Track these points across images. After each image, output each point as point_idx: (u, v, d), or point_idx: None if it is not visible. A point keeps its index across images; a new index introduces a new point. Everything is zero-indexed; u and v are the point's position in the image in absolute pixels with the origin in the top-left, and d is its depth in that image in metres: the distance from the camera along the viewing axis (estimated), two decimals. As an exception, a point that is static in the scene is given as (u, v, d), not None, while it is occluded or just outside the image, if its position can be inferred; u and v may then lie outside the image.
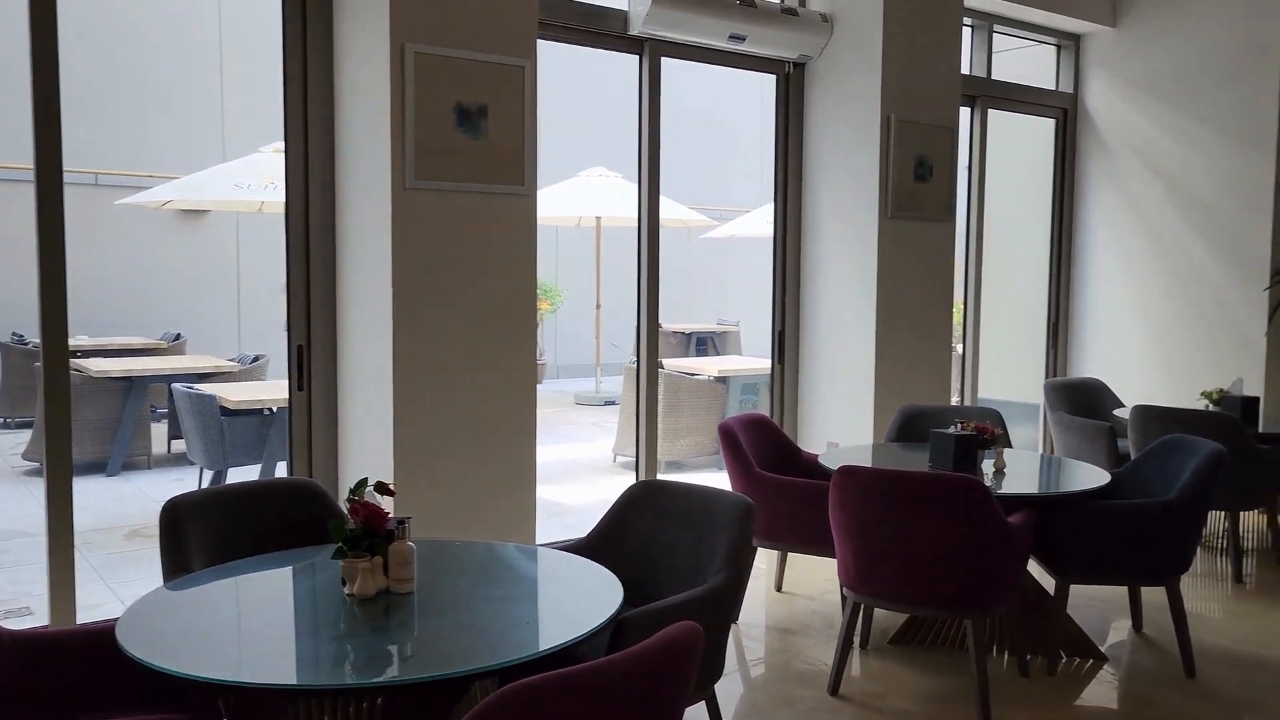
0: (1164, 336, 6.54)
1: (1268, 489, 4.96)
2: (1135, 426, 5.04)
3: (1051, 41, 6.87)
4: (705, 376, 7.94)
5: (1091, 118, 6.86)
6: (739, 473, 4.17)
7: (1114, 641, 4.07)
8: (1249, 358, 6.13)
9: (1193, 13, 6.35)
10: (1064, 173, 6.96)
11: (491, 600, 2.38)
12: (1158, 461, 3.96)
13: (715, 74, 5.98)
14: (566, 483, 7.42)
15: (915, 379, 5.45)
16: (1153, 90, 6.56)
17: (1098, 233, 6.86)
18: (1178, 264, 6.47)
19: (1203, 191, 6.34)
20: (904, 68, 5.26)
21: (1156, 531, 3.60)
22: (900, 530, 3.27)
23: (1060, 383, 6.03)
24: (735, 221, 12.51)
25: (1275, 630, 4.20)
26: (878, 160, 5.22)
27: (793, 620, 4.28)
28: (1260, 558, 5.23)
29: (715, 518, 2.80)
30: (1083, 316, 6.95)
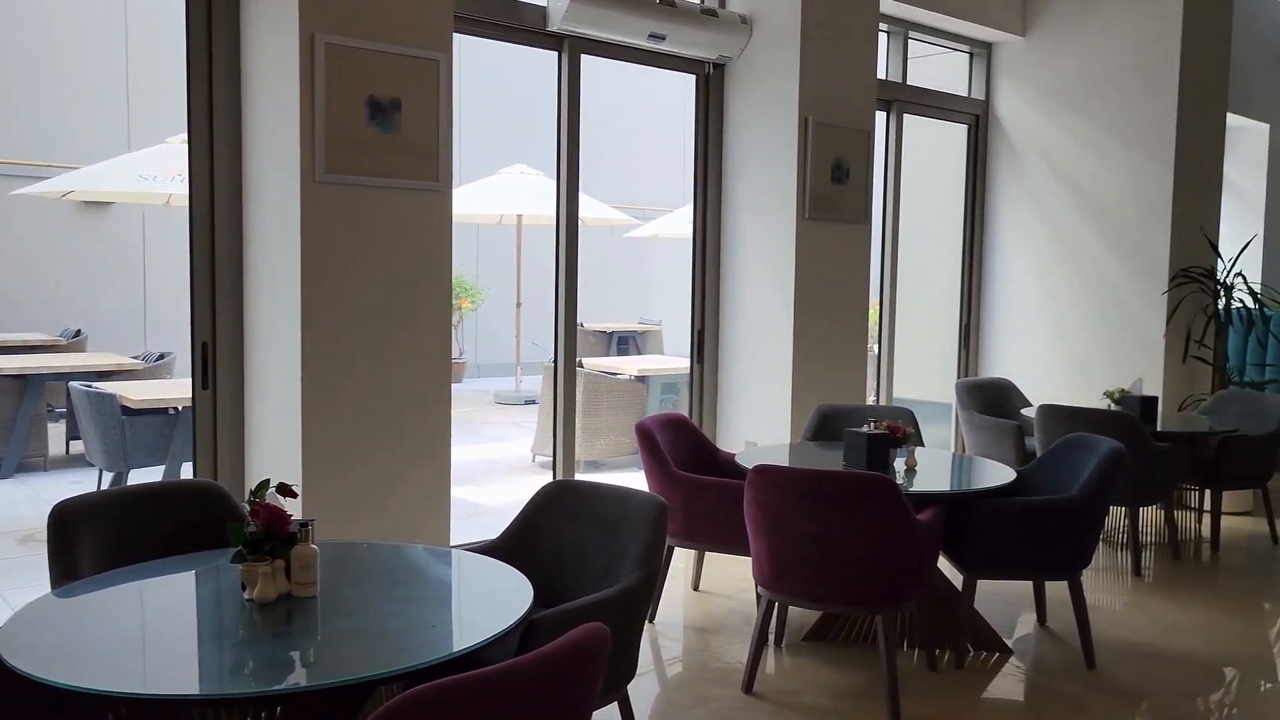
0: (1069, 337, 6.72)
1: (1165, 486, 5.13)
2: (1041, 425, 5.17)
3: (964, 49, 7.02)
4: (625, 376, 7.93)
5: (1002, 124, 7.03)
6: (656, 472, 4.16)
7: (1019, 635, 4.17)
8: (1149, 358, 6.34)
9: (1097, 25, 6.55)
10: (975, 178, 7.12)
11: (397, 603, 2.33)
12: (1061, 459, 4.07)
13: (638, 73, 5.98)
14: (485, 483, 7.34)
15: (832, 379, 5.51)
16: (1060, 99, 6.74)
17: (1007, 236, 7.03)
18: (1083, 267, 6.66)
19: (1107, 198, 6.54)
20: (821, 71, 5.32)
21: (1060, 527, 3.70)
22: (814, 528, 3.29)
23: (970, 382, 6.17)
24: (657, 221, 12.53)
25: (1172, 622, 4.34)
26: (796, 162, 5.26)
27: (709, 619, 4.29)
28: (1157, 552, 5.41)
29: (628, 518, 2.78)
30: (993, 318, 7.12)
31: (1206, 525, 5.74)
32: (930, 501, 3.60)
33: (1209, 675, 3.81)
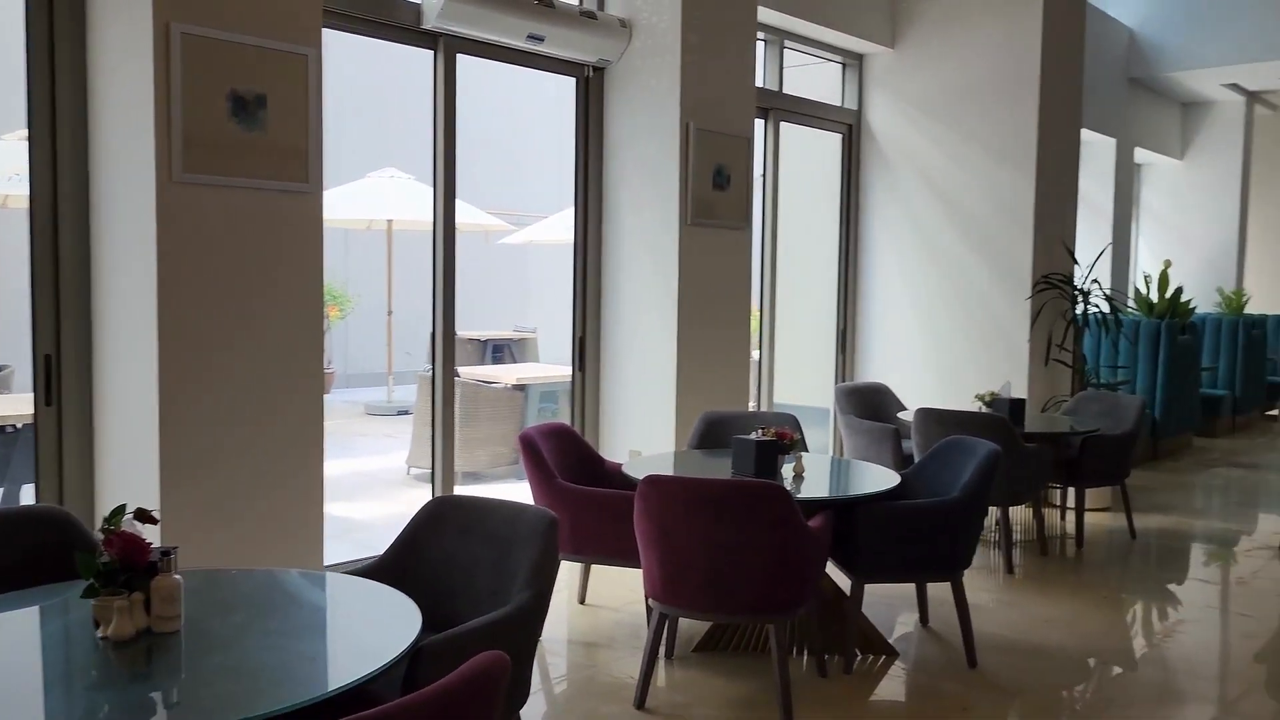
0: (941, 342, 6.90)
1: (1034, 485, 5.29)
2: (918, 429, 5.26)
3: (837, 60, 7.14)
4: (503, 385, 7.77)
5: (874, 133, 7.18)
6: (541, 484, 4.04)
7: (903, 636, 4.21)
8: (1014, 361, 6.56)
9: (962, 39, 6.75)
10: (850, 186, 7.25)
11: (271, 635, 2.16)
12: (940, 462, 4.13)
13: (513, 75, 5.85)
14: (358, 498, 7.07)
15: (716, 385, 5.49)
16: (928, 110, 6.92)
17: (881, 244, 7.17)
18: (952, 274, 6.85)
19: (974, 206, 6.74)
20: (702, 77, 5.31)
21: (944, 529, 3.74)
22: (705, 538, 3.24)
23: (849, 387, 6.25)
24: (534, 227, 12.38)
25: (1044, 617, 4.47)
26: (678, 167, 5.23)
27: (597, 633, 4.20)
28: (1026, 549, 5.58)
29: (517, 534, 2.67)
30: (868, 323, 7.25)
31: (1071, 522, 5.96)
32: (820, 507, 3.59)
33: (1079, 667, 3.93)
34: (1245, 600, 4.79)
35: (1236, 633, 4.35)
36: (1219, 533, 6.20)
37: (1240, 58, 10.12)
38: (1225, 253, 11.63)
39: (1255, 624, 4.46)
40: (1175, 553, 5.70)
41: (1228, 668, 3.97)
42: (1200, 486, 7.54)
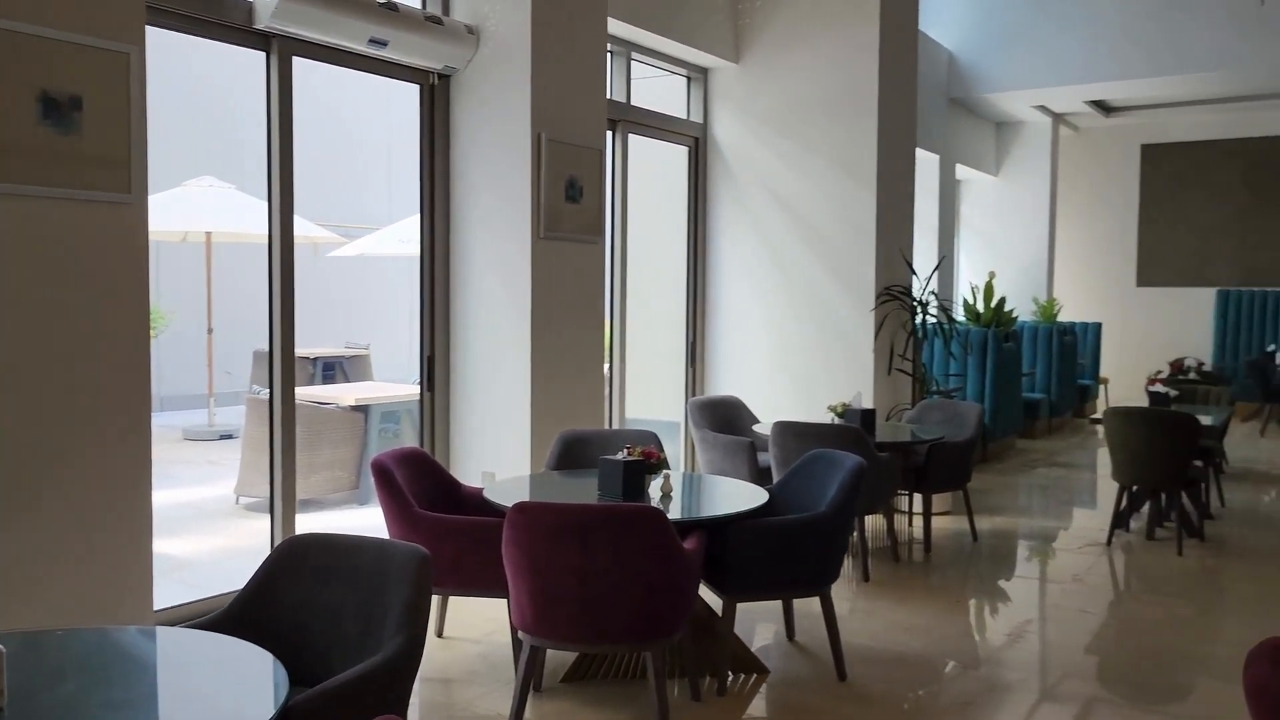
0: (791, 354, 6.99)
1: (887, 493, 5.40)
2: (775, 442, 5.28)
3: (683, 73, 7.15)
4: (340, 405, 7.39)
5: (720, 147, 7.22)
6: (397, 513, 3.81)
7: (771, 653, 4.18)
8: (860, 372, 6.71)
9: (803, 57, 6.88)
10: (697, 199, 7.27)
11: (111, 708, 1.89)
12: (805, 476, 4.13)
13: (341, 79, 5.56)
14: (182, 533, 6.56)
15: (571, 403, 5.36)
16: (772, 124, 7.02)
17: (729, 257, 7.22)
18: (799, 286, 6.95)
19: (818, 219, 6.87)
20: (552, 87, 5.18)
21: (813, 543, 3.73)
22: (579, 566, 3.10)
23: (702, 401, 6.24)
24: (366, 239, 11.93)
25: (903, 624, 4.54)
26: (529, 179, 5.08)
27: (459, 668, 3.99)
28: (879, 557, 5.69)
29: (386, 573, 2.46)
30: (718, 336, 7.28)
31: (919, 527, 6.13)
32: (693, 528, 3.52)
33: (941, 672, 3.99)
34: (1084, 597, 5.02)
35: (1082, 629, 4.54)
36: (1051, 531, 6.51)
37: (1046, 82, 10.78)
38: (1038, 264, 12.35)
39: (1095, 619, 4.67)
40: (1016, 553, 5.94)
41: (1077, 663, 4.13)
42: (1027, 487, 7.93)
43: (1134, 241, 13.41)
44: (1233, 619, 4.73)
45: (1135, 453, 5.79)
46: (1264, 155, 12.59)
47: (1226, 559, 5.71)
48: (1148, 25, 10.08)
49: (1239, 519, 6.76)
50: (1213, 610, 4.85)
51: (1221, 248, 12.87)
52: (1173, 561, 5.63)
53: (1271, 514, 7.04)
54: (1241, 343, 12.38)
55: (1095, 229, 13.65)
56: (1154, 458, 5.73)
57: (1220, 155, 12.84)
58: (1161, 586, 5.21)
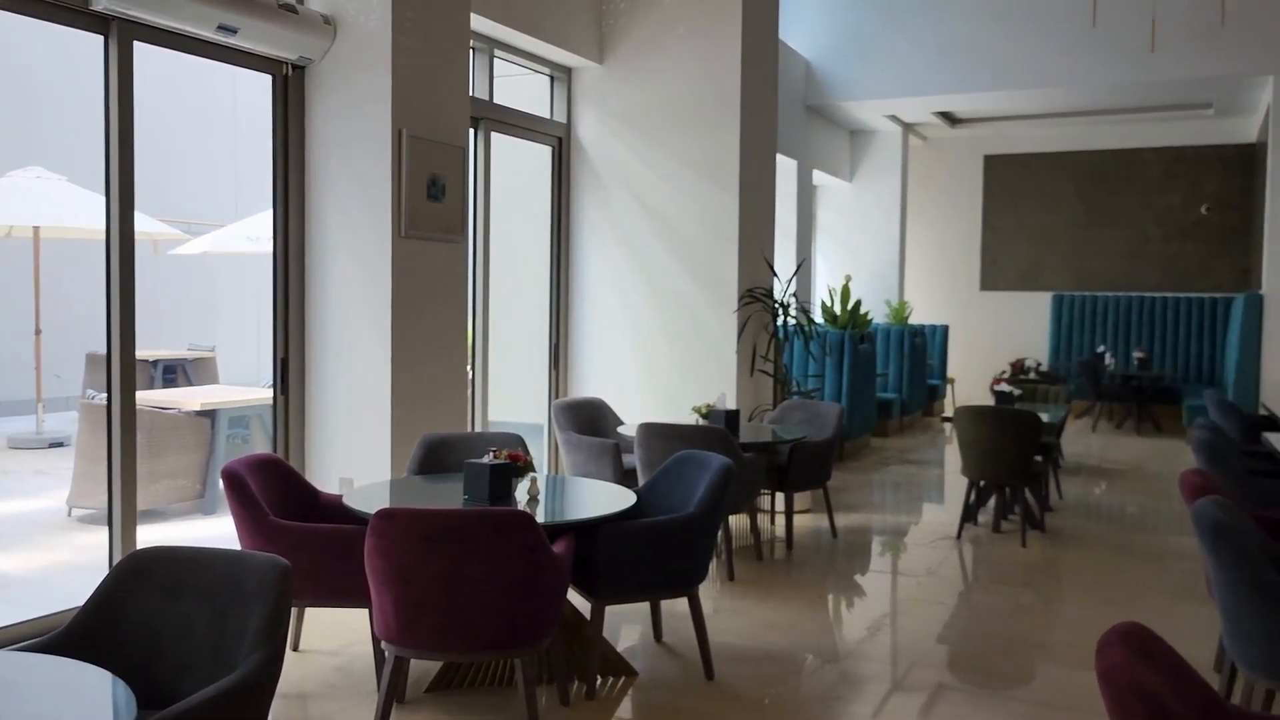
0: (655, 356, 7.02)
1: (751, 493, 5.48)
2: (641, 444, 5.28)
3: (546, 72, 7.09)
4: (184, 411, 7.03)
5: (584, 147, 7.20)
6: (250, 524, 3.63)
7: (639, 654, 4.18)
8: (723, 373, 6.80)
9: (666, 59, 6.93)
10: (561, 200, 7.22)
11: (-70, 745, 1.72)
12: (673, 477, 4.14)
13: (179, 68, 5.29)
14: (9, 548, 6.12)
15: (434, 406, 5.23)
16: (635, 127, 7.04)
17: (593, 258, 7.20)
18: (663, 288, 6.99)
19: (682, 222, 6.93)
20: (414, 83, 5.05)
21: (683, 544, 3.74)
22: (447, 574, 3.02)
23: (567, 403, 6.20)
24: (211, 236, 11.40)
25: (767, 622, 4.61)
26: (390, 176, 4.93)
27: (316, 682, 3.83)
28: (744, 555, 5.76)
29: (242, 586, 2.33)
30: (581, 338, 7.25)
31: (781, 525, 6.24)
32: (561, 531, 3.47)
33: (804, 667, 4.07)
34: (937, 589, 5.20)
35: (934, 620, 4.70)
36: (905, 526, 6.74)
37: (896, 92, 11.19)
38: (890, 268, 12.80)
39: (947, 610, 4.85)
40: (872, 549, 6.12)
41: (929, 653, 4.27)
42: (882, 484, 8.19)
43: (978, 247, 14.07)
44: (1072, 606, 4.99)
45: (984, 449, 6.05)
46: (1094, 168, 13.40)
47: (1065, 549, 6.03)
48: (990, 42, 10.59)
49: (1075, 511, 7.15)
50: (1054, 598, 5.11)
51: (1057, 254, 13.63)
52: (1017, 553, 5.91)
53: (1103, 505, 7.48)
54: (1075, 344, 13.14)
55: (943, 235, 14.25)
56: (1001, 454, 6.00)
57: (1056, 167, 13.60)
58: (1007, 577, 5.45)
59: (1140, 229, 13.19)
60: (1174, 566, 5.67)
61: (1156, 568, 5.64)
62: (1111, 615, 4.74)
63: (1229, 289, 12.68)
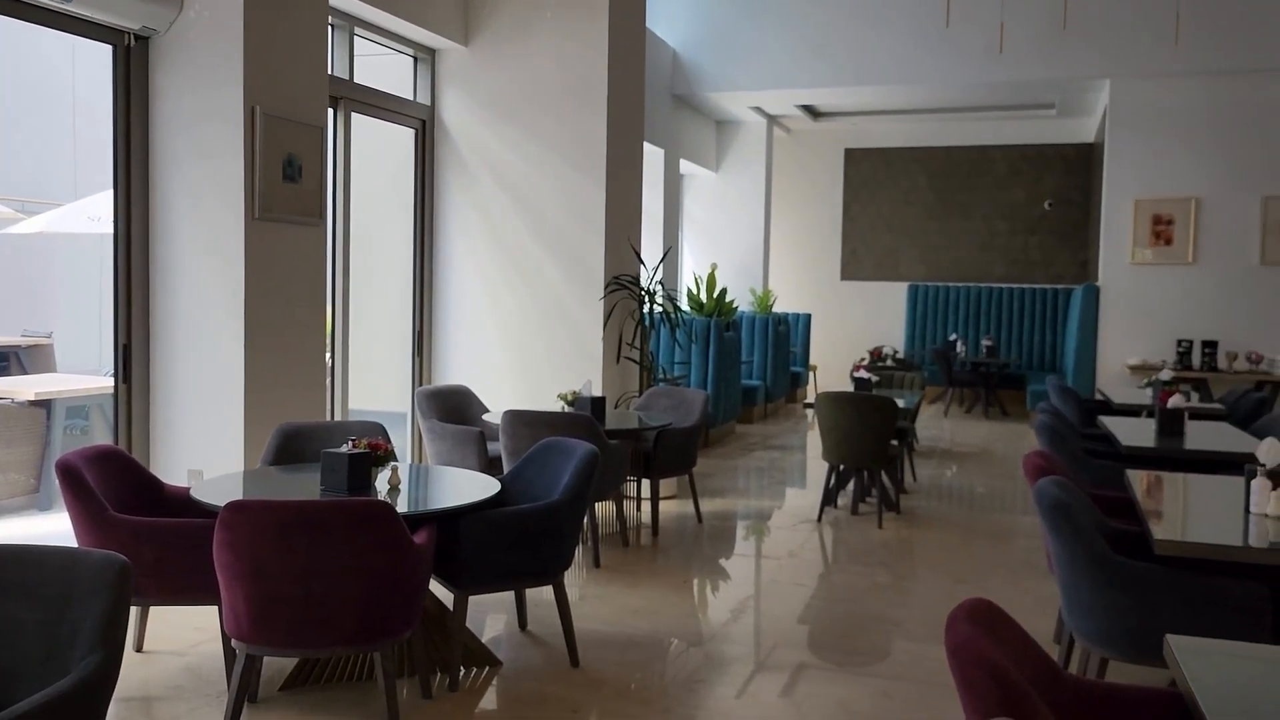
0: (520, 343, 6.96)
1: (617, 480, 5.48)
2: (506, 431, 5.23)
3: (409, 53, 6.92)
4: (17, 400, 6.59)
5: (449, 131, 7.06)
6: (87, 519, 3.42)
7: (504, 644, 4.14)
8: (589, 360, 6.79)
9: (533, 42, 6.86)
10: (424, 184, 7.07)
11: None
12: (538, 465, 4.11)
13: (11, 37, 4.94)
14: None
15: (290, 394, 5.05)
16: (501, 111, 6.95)
17: (457, 244, 7.08)
18: (529, 275, 6.93)
19: (548, 209, 6.87)
20: (268, 58, 4.85)
21: (547, 533, 3.72)
22: (302, 566, 2.92)
23: (430, 390, 6.08)
24: (46, 215, 10.72)
25: (632, 608, 4.63)
26: (242, 155, 4.73)
27: (162, 684, 3.65)
28: (609, 542, 5.78)
29: (76, 586, 2.19)
30: (446, 324, 7.12)
31: (647, 512, 6.28)
32: (423, 521, 3.40)
33: (668, 652, 4.10)
34: (798, 571, 5.33)
35: (795, 602, 4.81)
36: (768, 511, 6.88)
37: (759, 84, 11.39)
38: (754, 257, 13.04)
39: (808, 591, 4.97)
40: (735, 534, 6.22)
41: (791, 633, 4.37)
42: (746, 469, 8.35)
43: (839, 238, 14.46)
44: (924, 584, 5.18)
45: (843, 434, 6.22)
46: (947, 164, 13.94)
47: (918, 529, 6.26)
48: (851, 39, 10.88)
49: (928, 492, 7.44)
50: (907, 577, 5.30)
51: (913, 246, 14.13)
52: (874, 534, 6.11)
53: (954, 487, 7.81)
54: (929, 332, 13.67)
55: (805, 225, 14.59)
56: (859, 439, 6.18)
57: (911, 161, 14.09)
58: (864, 557, 5.63)
59: (989, 223, 13.80)
60: (1017, 544, 5.96)
61: (1002, 546, 5.92)
62: (960, 592, 4.95)
63: (1069, 281, 13.41)
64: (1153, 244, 10.45)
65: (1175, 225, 10.39)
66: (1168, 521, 3.24)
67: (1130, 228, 10.47)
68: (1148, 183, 10.41)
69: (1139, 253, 10.46)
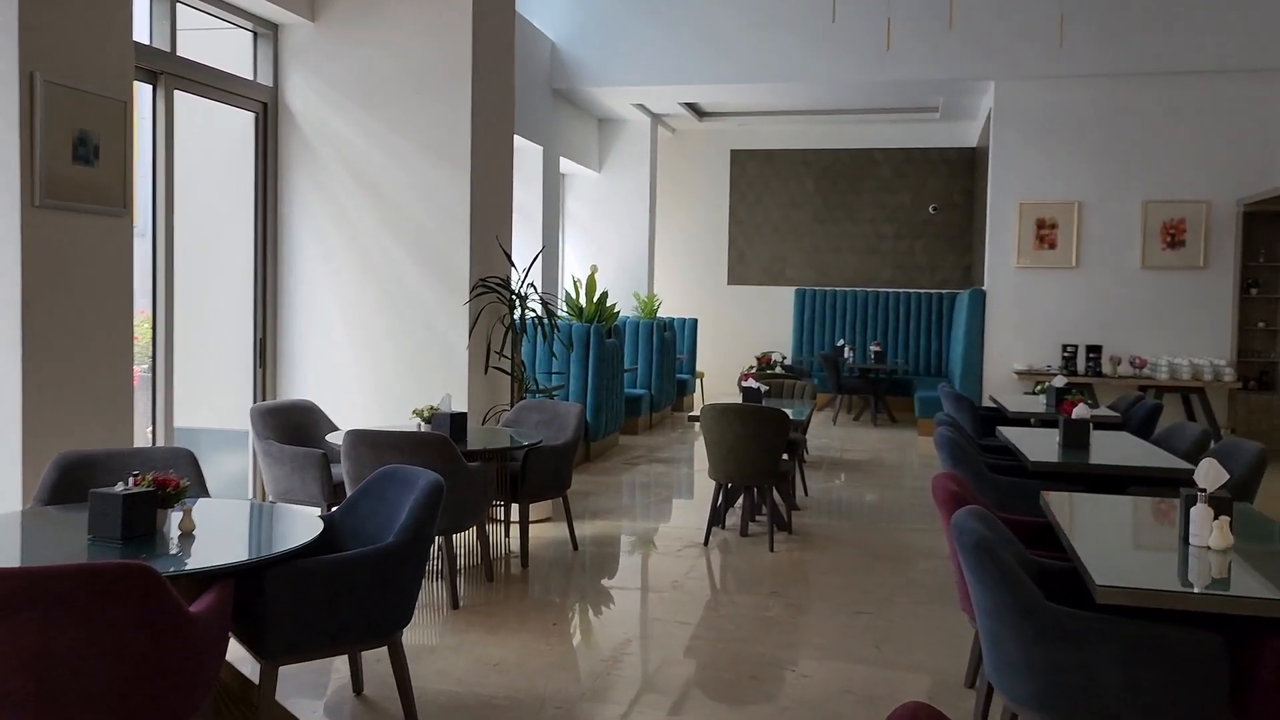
0: (376, 353, 6.26)
1: (480, 508, 4.86)
2: (348, 454, 4.56)
3: (248, 26, 6.16)
4: None
5: (294, 116, 6.32)
6: None
7: (333, 712, 3.48)
8: (454, 371, 6.14)
9: (388, 20, 6.18)
10: (267, 175, 6.31)
11: None
12: (375, 498, 3.47)
13: None
14: None
15: (85, 416, 4.27)
16: (355, 95, 6.25)
17: (306, 242, 6.34)
18: (386, 278, 6.24)
19: (407, 204, 6.20)
20: (52, 17, 4.07)
21: (377, 583, 3.08)
22: (30, 654, 2.22)
23: (268, 407, 5.35)
24: None
25: (493, 660, 4.01)
26: (17, 131, 3.94)
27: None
28: (471, 576, 5.15)
29: None
30: (293, 332, 6.37)
31: (515, 538, 5.67)
32: (215, 578, 2.73)
33: (531, 715, 3.51)
34: (683, 605, 4.79)
35: (680, 642, 4.27)
36: (651, 533, 6.33)
37: (642, 80, 10.90)
38: (639, 260, 12.54)
39: (689, 630, 4.44)
40: (616, 561, 5.66)
41: (675, 681, 3.82)
42: (629, 486, 7.80)
43: (725, 241, 14.08)
44: (821, 618, 4.70)
45: (729, 449, 5.73)
46: (832, 166, 13.70)
47: (812, 550, 5.81)
48: (736, 35, 10.47)
49: (820, 508, 7.01)
50: (803, 609, 4.81)
51: (799, 250, 13.85)
52: (765, 558, 5.62)
53: (846, 500, 7.41)
54: (817, 338, 13.38)
55: (691, 228, 14.17)
56: (748, 454, 5.69)
57: (798, 164, 13.81)
58: (755, 586, 5.13)
59: (875, 226, 13.61)
60: (917, 566, 5.55)
61: (901, 568, 5.51)
62: (858, 626, 4.49)
63: (954, 286, 13.30)
64: (1037, 248, 10.33)
65: (1059, 229, 10.28)
66: (1102, 560, 2.79)
67: (1015, 231, 10.32)
68: (1031, 186, 10.28)
69: (1023, 257, 10.32)
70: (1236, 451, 4.47)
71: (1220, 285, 9.94)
